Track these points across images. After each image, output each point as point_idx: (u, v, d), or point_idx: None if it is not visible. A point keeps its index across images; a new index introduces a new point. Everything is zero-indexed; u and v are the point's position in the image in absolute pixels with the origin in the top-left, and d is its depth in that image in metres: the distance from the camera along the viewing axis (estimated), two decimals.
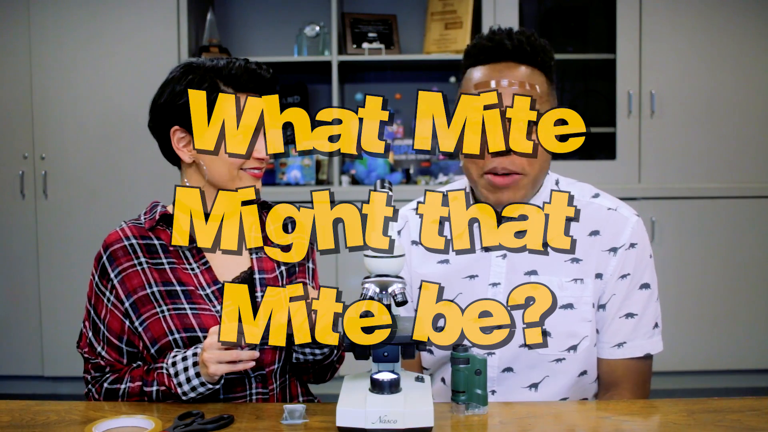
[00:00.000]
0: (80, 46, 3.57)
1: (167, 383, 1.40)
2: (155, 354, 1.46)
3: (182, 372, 1.38)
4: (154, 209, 1.54)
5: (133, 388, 1.43)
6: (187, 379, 1.38)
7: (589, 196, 1.55)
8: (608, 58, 3.60)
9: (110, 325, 1.48)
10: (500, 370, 1.52)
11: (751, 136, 3.60)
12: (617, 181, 3.56)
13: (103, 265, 1.49)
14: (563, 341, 1.49)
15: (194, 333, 1.45)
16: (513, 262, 1.52)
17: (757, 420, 1.27)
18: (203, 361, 1.34)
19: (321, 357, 1.50)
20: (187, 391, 1.38)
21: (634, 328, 1.50)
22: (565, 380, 1.51)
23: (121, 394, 1.45)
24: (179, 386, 1.38)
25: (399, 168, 3.78)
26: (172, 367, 1.40)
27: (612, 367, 1.52)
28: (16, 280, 3.65)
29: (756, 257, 3.61)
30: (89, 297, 1.52)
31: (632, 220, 1.52)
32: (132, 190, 3.57)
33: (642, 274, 1.51)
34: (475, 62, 1.48)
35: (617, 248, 1.50)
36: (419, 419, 1.17)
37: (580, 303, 1.49)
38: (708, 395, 1.64)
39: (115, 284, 1.48)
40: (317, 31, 3.74)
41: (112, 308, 1.48)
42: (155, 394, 1.41)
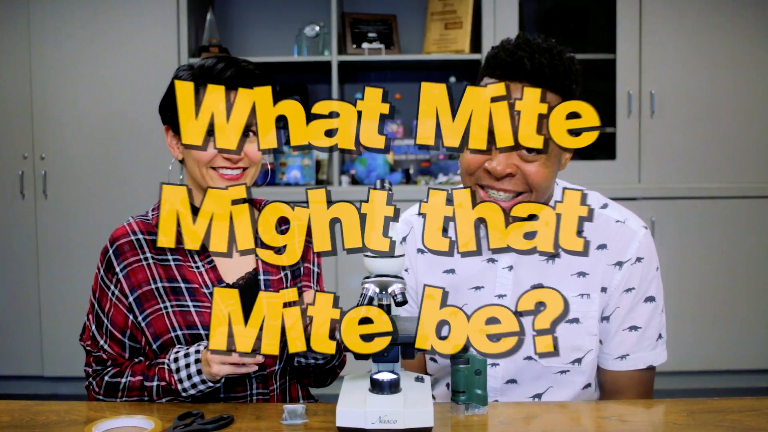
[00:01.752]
0: (80, 46, 3.57)
1: (168, 378, 1.40)
2: (157, 350, 1.47)
3: (184, 368, 1.38)
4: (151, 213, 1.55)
5: (134, 382, 1.44)
6: (188, 376, 1.38)
7: (598, 206, 1.52)
8: (608, 58, 3.60)
9: (114, 319, 1.49)
10: (504, 382, 1.51)
11: (751, 136, 3.60)
12: (617, 181, 3.56)
13: (109, 259, 1.49)
14: (568, 354, 1.48)
15: (197, 330, 1.45)
16: (519, 274, 1.50)
17: (757, 420, 1.27)
18: (206, 360, 1.34)
19: (322, 362, 1.50)
20: (188, 388, 1.38)
21: (638, 341, 1.49)
22: (569, 392, 1.50)
23: (121, 387, 1.45)
24: (180, 382, 1.38)
25: (399, 168, 3.78)
26: (173, 362, 1.40)
27: (615, 378, 1.51)
28: (16, 280, 3.65)
29: (756, 257, 3.60)
30: (94, 290, 1.52)
31: (640, 233, 1.49)
32: (132, 190, 3.57)
33: (647, 288, 1.49)
34: (491, 73, 1.41)
35: (623, 262, 1.48)
36: (419, 419, 1.17)
37: (586, 318, 1.48)
38: (708, 395, 1.63)
39: (120, 278, 1.48)
40: (317, 31, 3.73)
41: (116, 302, 1.49)
42: (155, 389, 1.42)
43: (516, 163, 1.37)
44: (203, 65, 1.49)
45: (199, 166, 1.47)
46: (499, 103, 1.21)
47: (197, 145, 1.27)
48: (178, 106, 1.23)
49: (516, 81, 1.36)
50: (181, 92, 1.23)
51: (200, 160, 1.46)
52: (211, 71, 1.46)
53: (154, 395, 1.42)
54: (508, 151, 1.34)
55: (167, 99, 1.53)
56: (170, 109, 1.50)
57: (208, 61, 1.50)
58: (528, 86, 1.31)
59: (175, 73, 1.53)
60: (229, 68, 1.46)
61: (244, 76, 1.46)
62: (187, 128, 1.24)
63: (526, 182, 1.38)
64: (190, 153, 1.48)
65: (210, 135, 1.30)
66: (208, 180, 1.47)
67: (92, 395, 1.50)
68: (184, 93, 1.24)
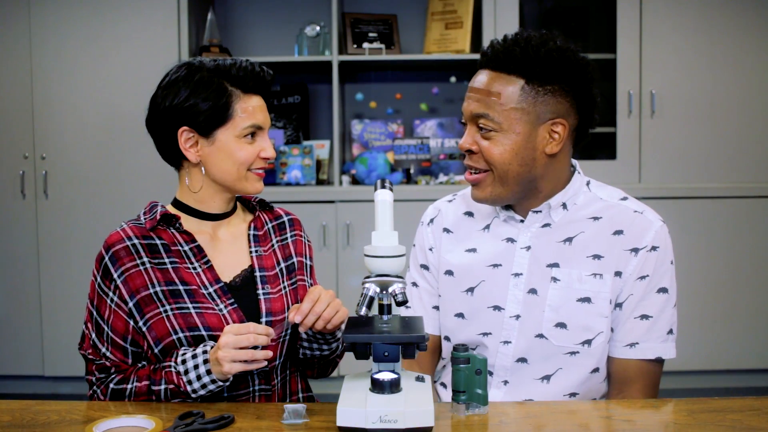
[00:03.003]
0: (80, 46, 3.57)
1: (176, 381, 1.40)
2: (159, 354, 1.46)
3: (192, 370, 1.38)
4: (153, 209, 1.54)
5: (140, 387, 1.43)
6: (197, 377, 1.38)
7: (618, 198, 1.58)
8: (608, 58, 3.60)
9: (114, 326, 1.48)
10: (514, 360, 1.54)
11: (751, 136, 3.60)
12: (617, 181, 3.52)
13: (106, 266, 1.48)
14: (579, 334, 1.51)
15: (198, 332, 1.45)
16: (536, 254, 1.55)
17: (757, 420, 1.27)
18: (217, 360, 1.34)
19: (327, 353, 1.51)
20: (197, 389, 1.38)
21: (648, 330, 1.51)
22: (578, 375, 1.52)
23: (127, 394, 1.45)
24: (189, 384, 1.38)
25: (399, 168, 3.78)
26: (181, 365, 1.40)
27: (624, 367, 1.53)
28: (16, 280, 3.65)
29: (756, 257, 3.60)
30: (91, 298, 1.51)
31: (656, 224, 1.54)
32: (132, 190, 3.57)
33: (661, 278, 1.52)
34: (478, 65, 1.56)
35: (639, 249, 1.51)
36: (419, 419, 1.17)
37: (598, 298, 1.51)
38: (708, 395, 1.64)
39: (119, 284, 1.47)
40: (318, 31, 3.74)
41: (115, 309, 1.48)
42: (163, 393, 1.41)
43: (476, 139, 1.50)
44: (221, 65, 1.50)
45: (239, 166, 1.49)
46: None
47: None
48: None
49: (483, 69, 1.52)
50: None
51: (244, 162, 1.49)
52: (245, 79, 1.50)
53: (162, 398, 1.42)
54: (471, 127, 1.51)
55: (180, 102, 1.47)
56: (186, 113, 1.47)
57: (226, 61, 1.51)
58: (486, 72, 1.50)
59: (179, 74, 1.50)
60: (252, 76, 1.50)
61: (263, 81, 1.53)
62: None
63: (484, 159, 1.50)
64: (226, 155, 1.48)
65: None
66: (244, 181, 1.51)
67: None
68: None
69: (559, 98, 1.48)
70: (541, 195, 1.53)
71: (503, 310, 1.54)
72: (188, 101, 1.47)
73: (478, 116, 1.48)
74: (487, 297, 1.56)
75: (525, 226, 1.56)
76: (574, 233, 1.54)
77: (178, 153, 1.51)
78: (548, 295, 1.52)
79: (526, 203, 1.55)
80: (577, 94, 1.49)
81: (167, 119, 1.50)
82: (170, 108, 1.49)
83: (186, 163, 1.53)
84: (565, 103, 1.48)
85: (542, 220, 1.55)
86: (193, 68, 1.50)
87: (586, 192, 1.58)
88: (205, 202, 1.54)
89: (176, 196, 1.57)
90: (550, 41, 1.48)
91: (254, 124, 1.49)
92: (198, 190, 1.52)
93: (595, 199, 1.57)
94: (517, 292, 1.54)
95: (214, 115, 1.47)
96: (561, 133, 1.48)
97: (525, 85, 1.46)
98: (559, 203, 1.54)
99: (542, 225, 1.55)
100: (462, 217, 1.66)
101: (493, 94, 1.46)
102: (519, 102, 1.46)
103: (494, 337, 1.54)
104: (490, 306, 1.55)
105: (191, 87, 1.47)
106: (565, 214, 1.55)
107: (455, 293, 1.60)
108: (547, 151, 1.49)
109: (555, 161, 1.52)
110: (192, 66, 1.50)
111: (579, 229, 1.54)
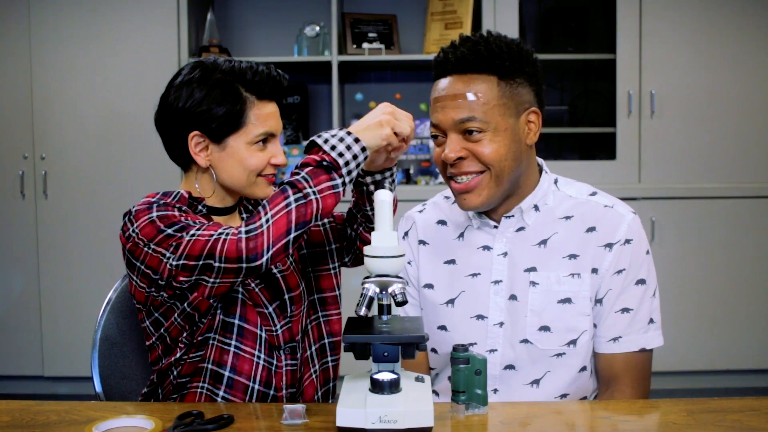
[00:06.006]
0: (80, 46, 3.57)
1: (322, 158, 1.32)
2: (187, 308, 1.40)
3: (339, 143, 1.33)
4: (176, 194, 1.48)
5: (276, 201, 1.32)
6: (347, 147, 1.33)
7: (587, 194, 1.58)
8: (608, 58, 3.60)
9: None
10: (502, 368, 1.54)
11: (751, 136, 3.60)
12: (617, 181, 3.56)
13: (170, 205, 1.43)
14: (563, 336, 1.51)
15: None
16: (513, 260, 1.55)
17: (757, 420, 1.27)
18: (380, 123, 1.35)
19: (380, 178, 1.49)
20: (349, 161, 1.33)
21: (629, 323, 1.52)
22: (566, 376, 1.53)
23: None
24: (340, 156, 1.32)
25: (399, 168, 3.78)
26: (324, 143, 1.33)
27: (610, 362, 1.53)
28: (16, 280, 3.65)
29: (756, 257, 3.60)
30: (163, 225, 1.39)
31: (628, 217, 1.54)
32: (132, 190, 3.55)
33: (638, 270, 1.53)
34: (434, 76, 1.53)
35: (613, 244, 1.52)
36: (419, 419, 1.17)
37: (578, 297, 1.51)
38: (708, 395, 1.64)
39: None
40: (317, 31, 3.74)
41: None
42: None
43: (464, 146, 1.47)
44: (236, 67, 1.46)
45: (250, 173, 1.47)
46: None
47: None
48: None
49: (448, 76, 1.50)
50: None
51: (254, 169, 1.47)
52: (262, 85, 1.47)
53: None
54: (454, 136, 1.48)
55: (193, 106, 1.44)
56: (198, 117, 1.44)
57: (242, 63, 1.47)
58: (455, 78, 1.48)
59: (193, 75, 1.46)
60: (268, 82, 1.48)
61: (279, 87, 1.51)
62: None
63: (479, 161, 1.47)
64: (237, 162, 1.46)
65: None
66: (254, 187, 1.49)
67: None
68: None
69: (527, 88, 1.50)
70: (519, 193, 1.54)
71: (486, 319, 1.55)
72: (201, 106, 1.43)
73: (463, 121, 1.46)
74: (468, 307, 1.56)
75: (500, 232, 1.56)
76: (548, 234, 1.54)
77: (186, 155, 1.48)
78: (529, 299, 1.52)
79: (502, 207, 1.55)
80: (533, 83, 1.51)
81: (178, 121, 1.46)
82: (182, 110, 1.45)
83: (194, 166, 1.50)
84: (531, 93, 1.51)
85: (516, 224, 1.55)
86: (207, 70, 1.46)
87: (555, 191, 1.58)
88: (211, 199, 1.53)
89: (180, 190, 1.55)
90: (501, 37, 1.50)
91: (267, 131, 1.47)
92: (210, 195, 1.51)
93: (565, 197, 1.57)
94: (498, 299, 1.54)
95: (228, 122, 1.44)
96: (536, 122, 1.51)
97: (499, 81, 1.47)
98: (530, 206, 1.55)
99: (516, 229, 1.55)
100: (435, 226, 1.65)
101: (473, 96, 1.46)
102: (499, 98, 1.46)
103: (479, 346, 1.54)
104: (473, 316, 1.56)
105: (205, 90, 1.44)
106: (538, 215, 1.55)
107: (435, 306, 1.60)
108: (528, 142, 1.51)
109: (531, 153, 1.54)
110: (206, 67, 1.46)
111: (552, 230, 1.54)
